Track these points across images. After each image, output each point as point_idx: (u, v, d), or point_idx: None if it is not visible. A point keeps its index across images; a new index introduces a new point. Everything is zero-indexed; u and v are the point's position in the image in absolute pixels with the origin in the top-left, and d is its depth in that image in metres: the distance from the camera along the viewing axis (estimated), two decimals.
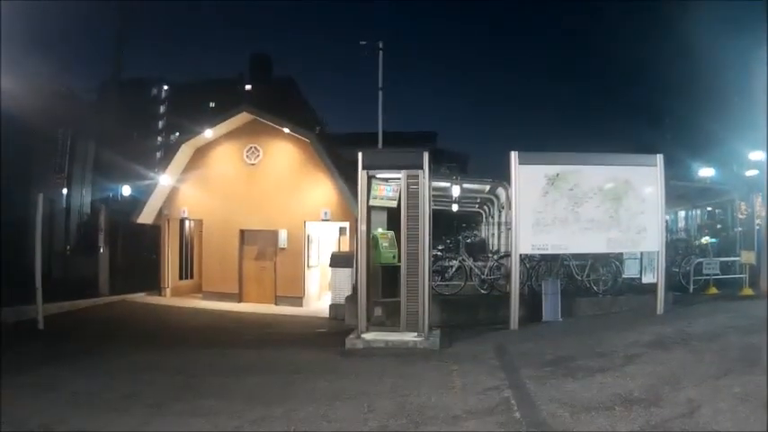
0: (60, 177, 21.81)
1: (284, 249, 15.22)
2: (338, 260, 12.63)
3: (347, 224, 15.17)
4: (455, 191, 15.15)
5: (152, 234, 17.23)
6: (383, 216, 7.56)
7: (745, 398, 4.11)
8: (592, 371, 5.20)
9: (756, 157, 15.63)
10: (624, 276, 9.47)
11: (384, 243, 7.35)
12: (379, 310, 7.52)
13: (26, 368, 6.27)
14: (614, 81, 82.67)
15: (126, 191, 18.07)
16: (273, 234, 15.30)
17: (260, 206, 15.30)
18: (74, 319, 11.58)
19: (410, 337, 7.05)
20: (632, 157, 8.91)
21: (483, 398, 4.61)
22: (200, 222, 16.89)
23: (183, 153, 16.25)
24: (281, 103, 37.99)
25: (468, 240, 14.82)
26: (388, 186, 7.40)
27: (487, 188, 14.96)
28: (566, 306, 8.81)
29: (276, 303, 15.02)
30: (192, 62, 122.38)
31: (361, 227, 7.40)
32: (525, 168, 8.22)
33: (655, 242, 8.31)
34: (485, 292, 10.39)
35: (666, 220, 10.94)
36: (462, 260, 10.75)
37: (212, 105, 46.03)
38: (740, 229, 13.40)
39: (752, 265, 10.49)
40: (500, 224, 14.31)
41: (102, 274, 15.25)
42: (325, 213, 14.92)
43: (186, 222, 17.37)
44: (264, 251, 15.57)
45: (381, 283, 7.52)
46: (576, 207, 8.13)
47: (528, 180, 8.19)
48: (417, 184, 7.19)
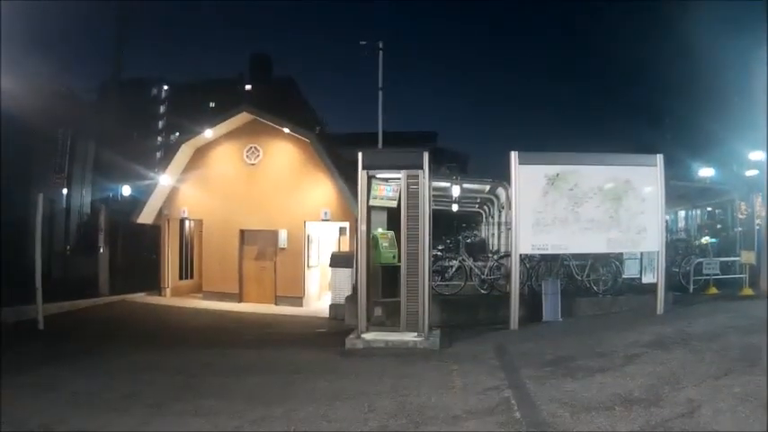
0: (60, 177, 21.81)
1: (284, 249, 15.22)
2: (338, 260, 12.63)
3: (347, 224, 15.17)
4: (455, 191, 15.15)
5: (152, 234, 17.24)
6: (383, 216, 7.56)
7: (746, 398, 4.11)
8: (592, 371, 5.20)
9: (756, 156, 15.63)
10: (624, 276, 9.47)
11: (384, 243, 7.35)
12: (379, 310, 7.52)
13: (26, 368, 6.28)
14: (614, 81, 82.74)
15: (126, 191, 18.06)
16: (273, 234, 15.31)
17: (260, 206, 15.30)
18: (74, 319, 11.59)
19: (410, 337, 7.06)
20: (632, 157, 8.91)
21: (483, 398, 4.61)
22: (200, 222, 16.90)
23: (183, 153, 16.25)
24: (281, 103, 38.01)
25: (469, 240, 14.82)
26: (388, 186, 7.40)
27: (487, 188, 14.96)
28: (566, 306, 8.82)
29: (276, 303, 15.02)
30: (192, 62, 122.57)
31: (361, 227, 7.40)
32: (525, 168, 8.23)
33: (655, 242, 8.31)
34: (485, 292, 10.39)
35: (666, 220, 10.94)
36: (462, 260, 10.75)
37: (212, 105, 46.07)
38: (740, 229, 13.39)
39: (752, 265, 10.49)
40: (500, 224, 14.31)
41: (102, 274, 15.26)
42: (326, 213, 14.93)
43: (186, 222, 17.37)
44: (264, 251, 15.58)
45: (381, 283, 7.52)
46: (576, 207, 8.13)
47: (528, 180, 8.19)
48: (417, 184, 7.20)
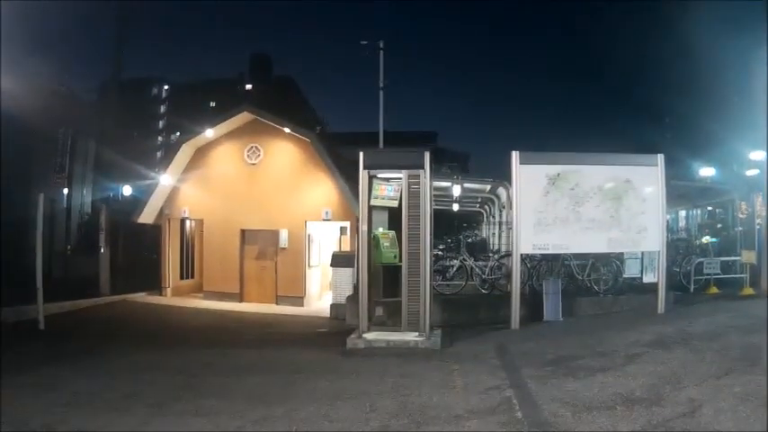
0: (61, 177, 21.82)
1: (285, 249, 15.23)
2: (339, 260, 12.63)
3: (348, 224, 15.17)
4: (456, 190, 15.16)
5: (153, 234, 17.24)
6: (384, 216, 7.55)
7: (746, 397, 4.11)
8: (593, 370, 5.20)
9: (757, 156, 15.63)
10: (625, 276, 9.47)
11: (385, 243, 7.35)
12: (380, 310, 7.51)
13: (27, 368, 6.28)
14: (614, 81, 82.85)
15: (127, 191, 18.06)
16: (274, 234, 15.31)
17: (261, 206, 15.30)
18: (75, 319, 11.59)
19: (411, 336, 7.05)
20: (633, 156, 8.91)
21: (485, 397, 4.61)
22: (200, 222, 16.90)
23: (184, 153, 16.25)
24: (281, 102, 38.07)
25: (470, 240, 14.78)
26: (389, 186, 7.39)
27: (488, 188, 14.97)
28: (567, 306, 8.82)
29: (277, 303, 15.03)
30: (193, 62, 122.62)
31: (363, 227, 7.39)
32: (526, 168, 8.22)
33: (655, 242, 8.31)
34: (486, 292, 10.38)
35: (667, 220, 10.92)
36: (463, 260, 10.74)
37: (213, 105, 46.09)
38: (741, 228, 13.36)
39: (752, 265, 10.47)
40: (501, 224, 14.31)
41: (103, 274, 15.26)
42: (326, 213, 14.93)
43: (187, 222, 17.38)
44: (265, 251, 15.58)
45: (382, 283, 7.52)
46: (577, 207, 8.13)
47: (529, 180, 8.19)
48: (418, 184, 7.19)
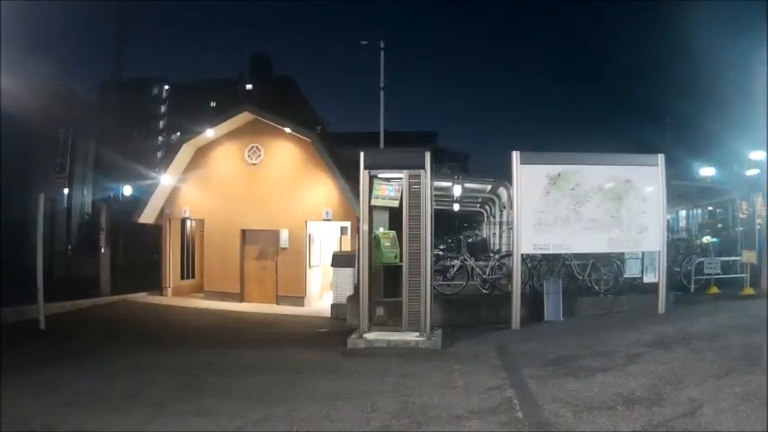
0: (61, 177, 21.81)
1: (286, 249, 15.23)
2: (340, 260, 12.63)
3: (348, 224, 15.18)
4: (456, 190, 15.16)
5: (153, 234, 17.24)
6: (385, 216, 7.55)
7: (747, 397, 4.11)
8: (594, 370, 5.20)
9: (757, 156, 15.64)
10: (625, 276, 9.48)
11: (386, 243, 7.35)
12: (380, 310, 7.51)
13: (28, 368, 6.28)
14: (614, 81, 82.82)
15: (127, 191, 18.06)
16: (275, 234, 15.32)
17: (261, 206, 15.31)
18: (75, 319, 11.60)
19: (412, 336, 7.05)
20: (633, 156, 8.90)
21: (485, 397, 4.61)
22: (201, 222, 16.90)
23: (185, 153, 16.26)
24: (281, 102, 38.08)
25: (470, 240, 14.77)
26: (389, 186, 7.39)
27: (489, 188, 14.97)
28: (567, 306, 8.82)
29: (278, 303, 15.04)
30: (193, 62, 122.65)
31: (363, 226, 7.40)
32: (527, 168, 8.22)
33: (656, 242, 8.31)
34: (486, 292, 10.38)
35: (668, 220, 10.93)
36: (464, 260, 10.73)
37: (213, 105, 46.12)
38: (741, 228, 13.38)
39: (753, 265, 10.47)
40: (501, 224, 14.31)
41: (104, 274, 15.27)
42: (327, 213, 14.93)
43: (188, 222, 17.38)
44: (266, 251, 15.59)
45: (383, 283, 7.52)
46: (578, 207, 8.13)
47: (529, 180, 8.19)
48: (419, 184, 7.19)
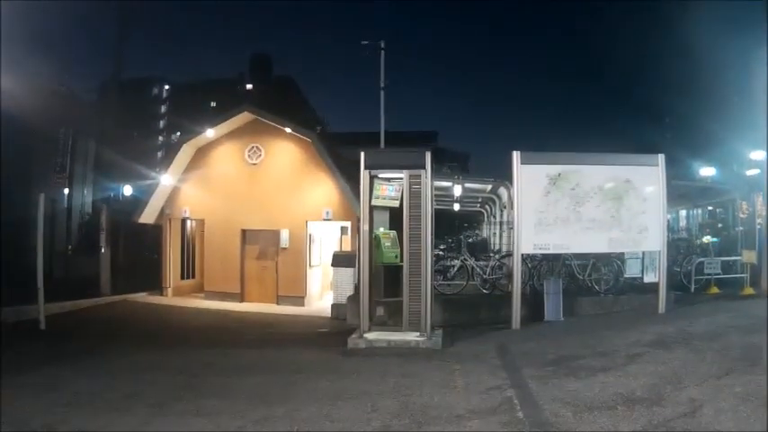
0: (61, 177, 21.80)
1: (286, 249, 15.24)
2: (340, 260, 12.64)
3: (349, 224, 15.19)
4: (457, 190, 15.17)
5: (154, 234, 17.25)
6: (385, 216, 7.55)
7: (747, 397, 4.11)
8: (594, 370, 5.20)
9: (757, 156, 15.64)
10: (626, 276, 9.48)
11: (386, 243, 7.35)
12: (381, 310, 7.51)
13: (28, 368, 6.29)
14: (614, 81, 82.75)
15: (127, 191, 18.06)
16: (275, 234, 15.32)
17: (262, 206, 15.31)
18: (75, 319, 11.61)
19: (412, 336, 7.05)
20: (634, 156, 8.89)
21: (486, 397, 4.61)
22: (201, 222, 16.91)
23: (185, 153, 16.27)
24: (281, 102, 38.06)
25: (470, 240, 14.76)
26: (390, 186, 7.39)
27: (489, 188, 14.97)
28: (567, 305, 8.82)
29: (278, 303, 15.05)
30: (193, 62, 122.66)
31: (364, 226, 7.40)
32: (527, 168, 8.21)
33: (656, 242, 8.30)
34: (487, 292, 10.38)
35: (668, 220, 10.93)
36: (464, 260, 10.73)
37: (213, 105, 46.13)
38: (741, 228, 13.38)
39: (753, 265, 10.45)
40: (502, 223, 14.32)
41: (104, 274, 15.27)
42: (327, 213, 14.94)
43: (188, 222, 17.39)
44: (266, 251, 15.60)
45: (383, 283, 7.51)
46: (578, 207, 8.13)
47: (530, 180, 8.18)
48: (420, 184, 7.19)
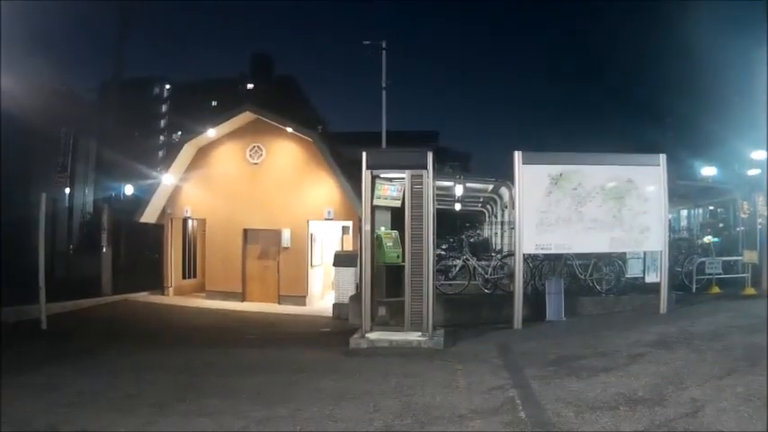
0: (63, 177, 21.86)
1: (287, 248, 15.25)
2: (341, 259, 12.64)
3: (350, 223, 15.20)
4: (458, 190, 15.18)
5: (155, 233, 17.23)
6: (387, 215, 7.55)
7: (748, 397, 4.12)
8: (596, 370, 5.21)
9: (758, 156, 15.65)
10: (627, 276, 9.47)
11: (388, 242, 7.34)
12: (382, 310, 7.51)
13: (30, 368, 6.28)
14: (615, 81, 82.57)
15: (128, 190, 18.10)
16: (276, 233, 15.33)
17: (263, 205, 15.32)
18: (77, 319, 11.60)
19: (414, 336, 7.05)
20: (635, 156, 8.89)
21: (488, 397, 4.61)
22: (203, 221, 16.92)
23: (186, 152, 16.28)
24: (282, 102, 38.06)
25: (472, 240, 14.76)
26: (391, 186, 7.39)
27: (491, 187, 14.98)
28: (569, 305, 8.82)
29: (279, 302, 15.06)
30: (194, 61, 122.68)
31: (365, 226, 7.39)
32: (529, 168, 8.21)
33: (658, 242, 8.31)
34: (488, 292, 10.37)
35: (669, 220, 10.92)
36: (466, 259, 10.72)
37: (214, 104, 46.15)
38: (742, 228, 13.36)
39: (754, 265, 10.46)
40: (503, 223, 14.32)
41: (105, 274, 15.26)
42: (329, 212, 14.95)
43: (189, 222, 17.40)
44: (267, 250, 15.61)
45: (385, 283, 7.51)
46: (580, 207, 8.13)
47: (531, 180, 8.18)
48: (421, 184, 7.18)
